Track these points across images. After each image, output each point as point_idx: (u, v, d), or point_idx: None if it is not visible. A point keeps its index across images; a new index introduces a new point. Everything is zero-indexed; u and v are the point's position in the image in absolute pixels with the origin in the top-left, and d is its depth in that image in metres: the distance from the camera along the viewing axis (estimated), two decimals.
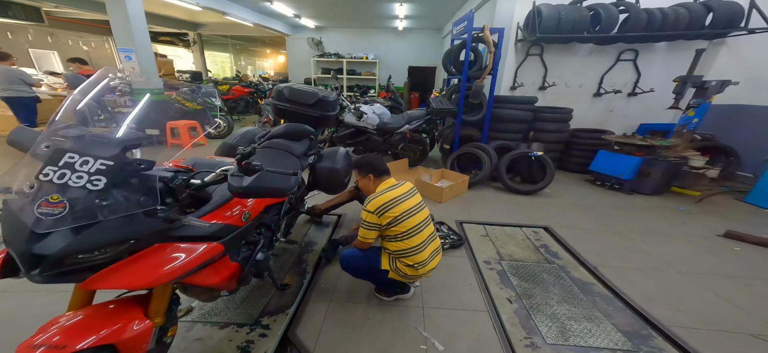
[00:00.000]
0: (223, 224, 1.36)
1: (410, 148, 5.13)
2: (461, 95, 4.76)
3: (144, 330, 1.15)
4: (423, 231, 1.84)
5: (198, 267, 1.22)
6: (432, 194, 4.02)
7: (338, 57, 11.48)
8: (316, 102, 2.66)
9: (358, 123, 4.61)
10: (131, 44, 5.38)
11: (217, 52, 16.49)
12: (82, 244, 0.97)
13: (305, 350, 1.69)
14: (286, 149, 2.32)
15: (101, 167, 1.00)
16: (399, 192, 1.85)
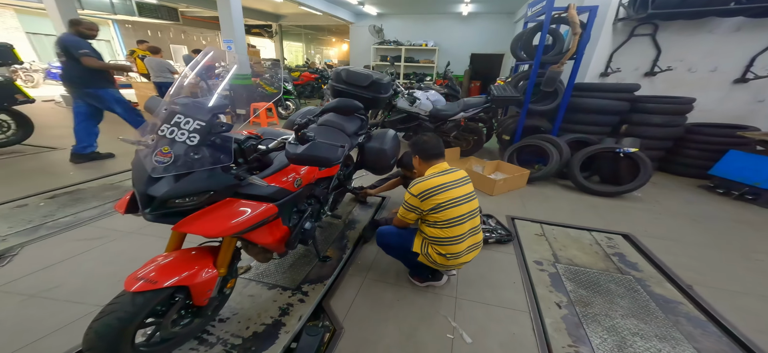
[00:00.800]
0: (278, 188, 1.50)
1: (464, 137, 4.94)
2: (531, 83, 4.35)
3: (211, 278, 1.35)
4: (465, 223, 1.76)
5: (256, 224, 1.38)
6: (483, 185, 3.82)
7: (397, 44, 11.44)
8: (369, 84, 2.76)
9: (410, 108, 4.60)
10: (231, 36, 6.23)
11: (292, 42, 18.02)
12: (178, 190, 1.16)
13: (336, 319, 1.80)
14: (339, 127, 2.48)
15: (197, 126, 1.20)
16: (448, 179, 1.77)
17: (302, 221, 1.84)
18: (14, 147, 4.19)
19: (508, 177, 3.88)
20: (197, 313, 1.46)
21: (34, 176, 3.52)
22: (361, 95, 2.81)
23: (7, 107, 3.91)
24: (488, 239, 2.70)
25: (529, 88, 4.36)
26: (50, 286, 1.88)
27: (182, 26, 12.11)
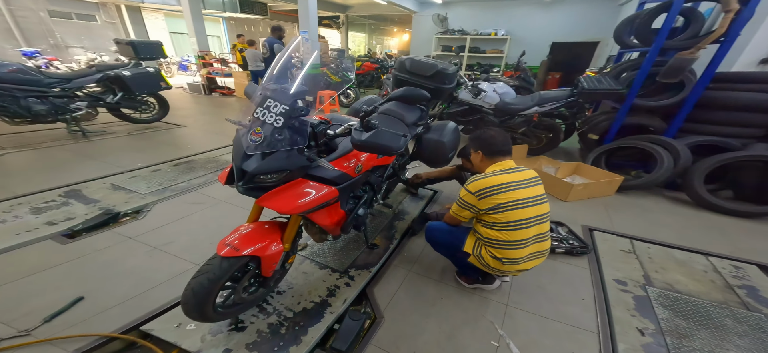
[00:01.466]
0: (341, 172, 1.57)
1: (535, 133, 4.47)
2: (641, 73, 3.63)
3: (277, 252, 1.48)
4: (530, 228, 1.59)
5: (319, 205, 1.47)
6: (554, 189, 3.41)
7: (462, 33, 10.78)
8: (433, 74, 2.67)
9: (472, 101, 4.32)
10: (307, 27, 6.77)
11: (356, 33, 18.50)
12: (263, 167, 1.28)
13: (377, 307, 1.83)
14: (399, 116, 2.47)
15: (282, 110, 1.29)
16: (512, 178, 1.61)
17: (357, 207, 1.91)
18: (155, 123, 5.21)
19: (591, 183, 3.39)
20: (262, 283, 1.62)
21: (166, 147, 4.29)
22: (423, 85, 2.73)
23: (154, 92, 4.88)
24: (555, 248, 2.43)
25: (638, 79, 3.67)
26: (166, 241, 2.26)
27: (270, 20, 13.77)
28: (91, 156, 3.73)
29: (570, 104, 4.14)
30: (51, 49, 9.81)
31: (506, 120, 4.29)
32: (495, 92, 4.29)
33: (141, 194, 2.88)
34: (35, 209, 2.51)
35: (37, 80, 3.81)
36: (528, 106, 4.13)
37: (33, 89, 3.76)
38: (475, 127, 4.68)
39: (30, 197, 2.67)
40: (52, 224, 2.30)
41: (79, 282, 1.78)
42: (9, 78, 3.61)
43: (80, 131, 4.32)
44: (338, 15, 15.18)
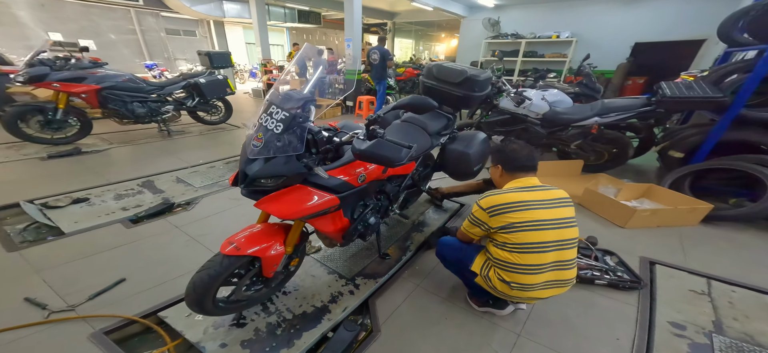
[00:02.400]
0: (342, 181, 1.52)
1: (594, 148, 3.85)
2: (755, 77, 2.85)
3: (278, 254, 1.50)
4: (547, 253, 1.40)
5: (318, 212, 1.45)
6: (611, 213, 2.92)
7: (516, 37, 9.79)
8: (462, 81, 2.47)
9: (514, 109, 3.87)
10: (351, 34, 6.89)
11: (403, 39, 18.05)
12: (262, 172, 1.29)
13: (375, 320, 1.76)
14: (421, 125, 2.37)
15: (282, 117, 1.30)
16: (532, 197, 1.43)
17: (366, 216, 1.85)
18: (221, 125, 5.78)
19: (663, 210, 2.84)
20: (265, 283, 1.68)
21: (225, 146, 4.74)
22: (451, 93, 2.53)
23: (222, 97, 5.48)
24: (595, 278, 2.10)
25: (749, 85, 2.90)
26: (203, 233, 2.46)
27: (324, 29, 14.35)
28: (168, 152, 4.31)
29: (645, 114, 3.46)
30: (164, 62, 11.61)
31: (556, 131, 3.80)
32: (544, 99, 3.80)
33: (195, 188, 3.21)
34: (117, 195, 2.96)
35: (141, 88, 4.50)
36: (585, 116, 3.59)
37: (137, 95, 4.46)
38: (517, 138, 4.24)
39: (117, 185, 3.17)
40: (125, 210, 2.69)
41: (127, 264, 2.04)
42: (121, 86, 4.33)
43: (166, 130, 5.01)
44: (385, 22, 15.20)
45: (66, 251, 2.13)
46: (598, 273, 2.15)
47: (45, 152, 3.86)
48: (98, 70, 4.29)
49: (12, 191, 2.85)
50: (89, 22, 10.39)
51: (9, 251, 2.08)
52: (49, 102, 4.01)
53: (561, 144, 3.99)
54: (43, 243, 2.21)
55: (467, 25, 11.39)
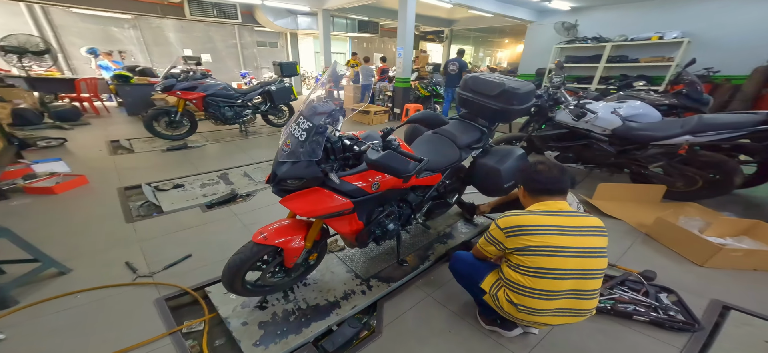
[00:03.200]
0: (356, 187, 1.58)
1: (684, 171, 3.13)
2: None
3: (298, 248, 1.64)
4: (565, 281, 1.31)
5: (332, 213, 1.54)
6: (686, 248, 2.46)
7: (599, 41, 8.24)
8: (499, 93, 2.30)
9: (573, 123, 3.35)
10: (403, 43, 6.86)
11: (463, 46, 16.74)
12: (285, 173, 1.42)
13: (380, 322, 1.81)
14: (451, 137, 2.32)
15: (306, 126, 1.42)
16: (554, 221, 1.34)
17: (385, 222, 1.91)
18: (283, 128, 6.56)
19: (765, 251, 2.28)
20: (286, 273, 1.87)
21: None
22: (487, 105, 2.37)
23: (287, 102, 6.07)
24: (636, 313, 1.83)
25: None
26: (253, 222, 2.78)
27: (381, 37, 14.41)
28: (243, 149, 4.97)
29: (764, 134, 2.71)
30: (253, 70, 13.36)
31: (629, 150, 3.24)
32: (615, 113, 3.24)
33: (255, 182, 3.66)
34: (202, 184, 3.57)
35: (231, 95, 5.30)
36: (672, 133, 2.98)
37: (228, 101, 5.28)
38: (577, 156, 3.70)
39: (204, 175, 3.82)
40: (204, 197, 3.23)
41: (196, 243, 2.45)
42: (218, 93, 5.15)
43: (245, 132, 5.78)
44: (442, 30, 14.58)
45: (160, 227, 2.67)
46: (643, 309, 1.84)
47: (165, 146, 4.83)
48: (205, 80, 5.18)
49: (139, 175, 3.68)
50: (208, 39, 12.50)
51: (127, 223, 2.72)
52: (172, 106, 5.01)
53: (636, 165, 3.35)
54: (149, 218, 2.81)
55: (534, 31, 10.28)
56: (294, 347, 1.61)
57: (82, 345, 1.55)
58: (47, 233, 2.45)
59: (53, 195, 3.15)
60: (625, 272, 2.16)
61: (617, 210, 3.04)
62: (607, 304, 1.86)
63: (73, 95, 6.94)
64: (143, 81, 7.03)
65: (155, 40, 11.28)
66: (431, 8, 10.20)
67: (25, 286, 1.85)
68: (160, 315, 1.74)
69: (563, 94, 3.64)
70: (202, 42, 12.43)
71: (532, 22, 10.06)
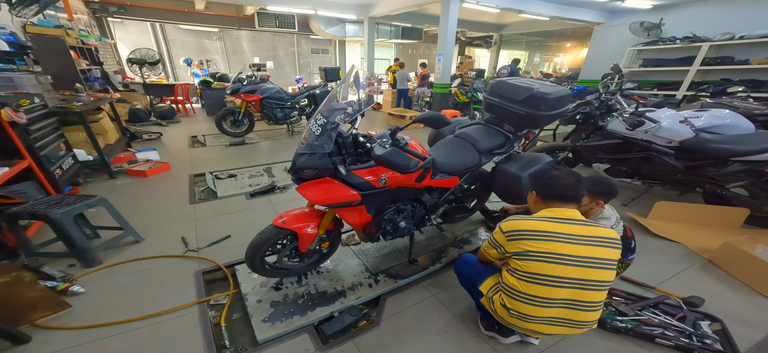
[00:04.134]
0: (364, 180, 1.62)
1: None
2: None
3: (311, 234, 1.74)
4: (562, 289, 1.24)
5: (340, 204, 1.60)
6: (755, 278, 2.07)
7: (692, 41, 6.79)
8: (526, 98, 2.14)
9: (629, 133, 2.89)
10: (443, 49, 6.63)
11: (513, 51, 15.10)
12: (300, 163, 1.51)
13: (380, 314, 1.82)
14: (472, 141, 2.25)
15: (321, 122, 1.51)
16: (559, 229, 1.27)
17: (396, 218, 1.93)
18: None
19: None
20: (301, 258, 1.98)
21: None
22: (513, 111, 2.21)
23: None
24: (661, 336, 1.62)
25: None
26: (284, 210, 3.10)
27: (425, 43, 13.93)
28: (287, 147, 5.33)
29: None
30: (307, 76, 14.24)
31: (702, 166, 2.72)
32: (687, 122, 2.74)
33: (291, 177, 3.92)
34: (251, 175, 3.94)
35: (282, 97, 5.75)
36: (761, 148, 2.45)
37: (279, 103, 5.75)
38: (633, 169, 3.16)
39: (253, 168, 4.21)
40: (250, 187, 3.57)
41: (236, 226, 2.71)
42: (272, 96, 5.63)
43: (291, 131, 6.19)
44: (491, 35, 13.60)
45: (213, 209, 3.02)
46: (673, 334, 1.60)
47: (228, 142, 5.47)
48: (262, 84, 5.73)
49: (206, 165, 4.21)
50: (272, 47, 13.71)
51: (190, 204, 3.15)
52: (237, 107, 5.65)
53: (711, 184, 2.79)
54: (206, 202, 3.21)
55: (603, 33, 9.05)
56: (297, 327, 1.71)
57: (136, 304, 1.82)
58: (135, 208, 2.96)
59: (145, 177, 3.79)
60: (662, 295, 1.87)
61: (675, 232, 2.61)
62: (629, 324, 1.65)
63: (171, 98, 8.23)
64: (220, 86, 8.01)
65: (234, 49, 12.80)
66: (478, 13, 9.69)
67: (109, 249, 2.28)
68: (195, 286, 1.98)
69: (619, 100, 3.18)
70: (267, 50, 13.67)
71: (600, 24, 8.91)
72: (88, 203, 2.13)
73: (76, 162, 3.41)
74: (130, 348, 1.56)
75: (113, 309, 1.79)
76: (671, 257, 2.37)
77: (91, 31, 7.87)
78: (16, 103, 2.62)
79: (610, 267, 1.26)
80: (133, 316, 1.73)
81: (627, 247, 1.80)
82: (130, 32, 10.41)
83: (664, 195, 3.28)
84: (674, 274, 2.19)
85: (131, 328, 1.67)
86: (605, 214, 1.77)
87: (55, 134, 3.16)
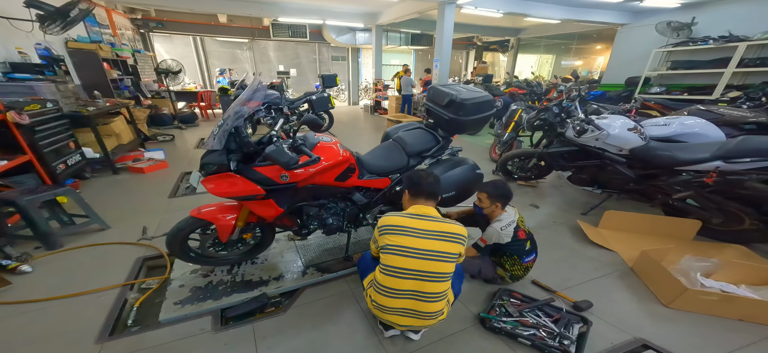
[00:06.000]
0: (264, 176, 1.62)
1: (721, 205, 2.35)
2: None
3: (228, 224, 1.75)
4: (405, 280, 1.31)
5: (242, 196, 1.61)
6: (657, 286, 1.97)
7: (728, 40, 5.92)
8: (447, 103, 2.16)
9: (582, 141, 2.79)
10: (439, 55, 6.44)
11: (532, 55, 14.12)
12: (204, 159, 1.57)
13: (290, 304, 1.82)
14: (402, 144, 2.24)
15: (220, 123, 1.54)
16: (414, 224, 1.35)
17: (323, 215, 1.93)
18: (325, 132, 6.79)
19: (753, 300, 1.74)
20: (225, 247, 1.95)
21: None
22: (440, 115, 2.23)
23: (326, 110, 6.41)
24: (526, 339, 1.56)
25: None
26: None
27: None
28: None
29: None
30: None
31: (656, 175, 2.56)
32: (636, 130, 2.58)
33: None
34: None
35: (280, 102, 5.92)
36: (700, 157, 2.29)
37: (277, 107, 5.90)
38: (591, 177, 3.03)
39: None
40: None
41: None
42: (272, 101, 5.81)
43: None
44: (507, 39, 12.99)
45: (188, 203, 3.14)
46: (544, 334, 1.58)
47: None
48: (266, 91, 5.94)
49: None
50: (296, 55, 14.30)
51: (169, 198, 3.30)
52: None
53: (663, 194, 2.59)
54: (185, 196, 3.35)
55: (626, 34, 8.20)
56: (204, 310, 1.73)
57: (68, 285, 1.91)
58: (120, 199, 3.17)
59: (143, 174, 4.06)
60: (551, 297, 1.86)
61: (616, 241, 2.45)
62: (508, 325, 1.62)
63: (196, 104, 8.81)
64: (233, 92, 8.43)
65: (261, 58, 13.56)
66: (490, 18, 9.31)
67: (75, 235, 2.44)
68: (131, 270, 2.07)
69: (577, 106, 2.93)
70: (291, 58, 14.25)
71: (624, 25, 8.13)
72: (55, 192, 2.30)
73: (83, 159, 3.72)
74: (34, 324, 1.64)
75: (47, 288, 1.88)
76: (596, 264, 2.26)
77: (134, 45, 8.64)
78: (22, 107, 2.90)
79: (449, 259, 1.31)
80: (59, 295, 1.82)
81: (520, 249, 1.83)
82: (176, 45, 11.52)
83: (637, 206, 3.05)
84: (588, 280, 2.09)
85: (46, 306, 1.76)
86: (503, 216, 1.83)
87: (64, 134, 3.46)
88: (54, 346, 1.52)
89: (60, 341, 1.55)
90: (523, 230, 1.85)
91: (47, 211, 2.43)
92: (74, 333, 1.59)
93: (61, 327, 1.64)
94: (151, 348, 1.51)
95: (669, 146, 2.50)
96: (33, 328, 1.62)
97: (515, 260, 1.84)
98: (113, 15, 7.38)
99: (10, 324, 1.65)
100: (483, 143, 5.91)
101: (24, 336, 1.57)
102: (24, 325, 1.64)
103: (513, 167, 3.86)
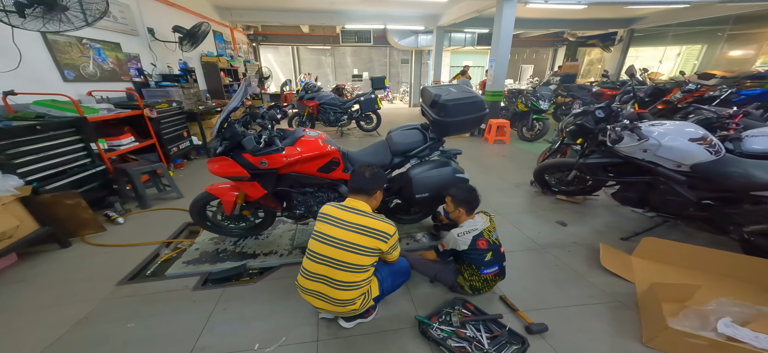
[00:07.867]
0: (247, 162, 1.85)
1: None
2: None
3: (230, 200, 2.06)
4: (317, 264, 1.40)
5: (232, 176, 1.88)
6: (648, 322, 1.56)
7: None
8: (430, 103, 2.12)
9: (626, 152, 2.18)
10: (495, 54, 5.73)
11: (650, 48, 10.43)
12: (208, 143, 2.19)
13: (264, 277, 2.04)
14: (389, 141, 2.28)
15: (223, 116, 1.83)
16: (338, 214, 1.43)
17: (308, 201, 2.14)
18: (372, 132, 6.87)
19: None
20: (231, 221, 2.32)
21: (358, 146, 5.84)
22: (426, 116, 2.18)
23: (374, 111, 6.60)
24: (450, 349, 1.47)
25: None
26: None
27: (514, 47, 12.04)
28: None
29: None
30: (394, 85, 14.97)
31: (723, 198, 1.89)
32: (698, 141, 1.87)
33: None
34: None
35: (335, 103, 6.39)
36: None
37: (332, 108, 6.42)
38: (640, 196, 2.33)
39: None
40: None
41: None
42: (328, 101, 6.38)
43: (340, 132, 6.78)
44: (615, 32, 10.35)
45: None
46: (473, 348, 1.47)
47: None
48: (320, 92, 6.56)
49: None
50: (370, 60, 15.22)
51: None
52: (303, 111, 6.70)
53: (734, 225, 1.89)
54: None
55: None
56: (197, 272, 2.10)
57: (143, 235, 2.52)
58: (204, 176, 4.05)
59: None
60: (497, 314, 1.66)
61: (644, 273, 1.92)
62: (446, 334, 1.53)
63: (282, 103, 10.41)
64: None
65: (340, 63, 15.03)
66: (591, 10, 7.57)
67: (160, 200, 3.27)
68: (175, 232, 2.64)
69: (628, 109, 2.25)
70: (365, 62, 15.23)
71: None
72: (151, 166, 3.14)
73: (191, 145, 4.89)
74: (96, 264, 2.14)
75: (124, 237, 2.49)
76: (594, 292, 1.89)
77: (247, 57, 10.70)
78: (154, 105, 4.00)
79: (364, 253, 1.35)
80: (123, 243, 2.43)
81: (479, 259, 1.70)
82: (280, 54, 14.00)
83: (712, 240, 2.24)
84: (570, 305, 1.79)
85: (111, 251, 2.30)
86: (466, 223, 1.74)
87: (181, 126, 4.59)
88: (89, 283, 1.90)
89: (96, 279, 1.94)
90: (486, 240, 1.68)
91: (152, 180, 3.35)
92: (109, 274, 1.99)
93: (105, 267, 2.07)
94: (145, 295, 1.82)
95: (747, 162, 1.74)
96: (93, 267, 2.06)
97: (473, 270, 1.72)
98: (235, 33, 9.27)
99: (83, 261, 2.14)
100: (536, 150, 5.08)
101: (83, 273, 2.02)
102: (92, 263, 2.12)
103: (552, 178, 3.21)
